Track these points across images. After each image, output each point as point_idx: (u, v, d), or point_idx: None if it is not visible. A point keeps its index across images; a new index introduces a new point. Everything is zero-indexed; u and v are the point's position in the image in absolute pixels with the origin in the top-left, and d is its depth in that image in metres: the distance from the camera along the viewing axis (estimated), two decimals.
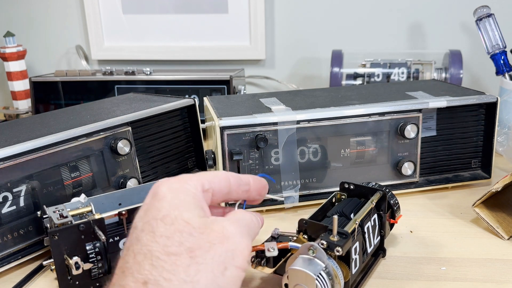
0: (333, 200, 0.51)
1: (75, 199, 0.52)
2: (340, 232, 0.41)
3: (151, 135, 0.67)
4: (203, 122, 0.79)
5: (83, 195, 0.52)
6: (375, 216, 0.49)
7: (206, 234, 0.33)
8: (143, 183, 0.64)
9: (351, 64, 0.97)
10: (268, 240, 0.44)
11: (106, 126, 0.59)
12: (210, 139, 0.72)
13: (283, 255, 0.44)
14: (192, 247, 0.32)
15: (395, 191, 0.65)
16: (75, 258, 0.45)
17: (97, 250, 0.46)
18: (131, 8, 1.13)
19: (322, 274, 0.39)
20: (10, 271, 0.52)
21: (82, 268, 0.45)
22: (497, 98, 0.66)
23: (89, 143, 0.58)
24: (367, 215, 0.47)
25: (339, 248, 0.40)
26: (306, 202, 0.64)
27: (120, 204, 0.51)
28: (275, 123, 0.60)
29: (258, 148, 0.60)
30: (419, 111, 0.65)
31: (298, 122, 0.61)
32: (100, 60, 1.19)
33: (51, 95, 0.98)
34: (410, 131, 0.64)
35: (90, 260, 0.46)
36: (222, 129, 0.59)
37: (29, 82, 0.99)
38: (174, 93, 0.94)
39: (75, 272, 0.45)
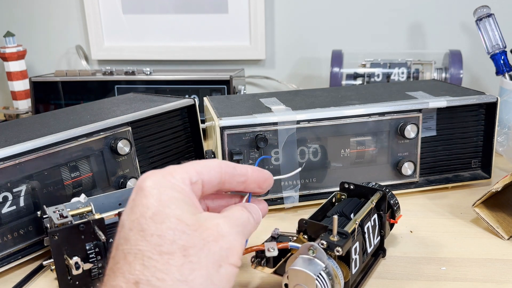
0: (333, 200, 0.51)
1: (75, 199, 0.52)
2: (340, 232, 0.41)
3: (151, 135, 0.67)
4: (203, 122, 0.79)
5: (83, 195, 0.52)
6: (375, 216, 0.49)
7: (199, 231, 0.32)
8: None
9: (351, 64, 0.97)
10: (268, 240, 0.44)
11: (106, 126, 0.59)
12: (210, 139, 0.72)
13: (283, 255, 0.44)
14: (185, 245, 0.31)
15: (395, 191, 0.65)
16: (75, 258, 0.45)
17: (97, 250, 0.46)
18: (131, 8, 1.13)
19: (322, 274, 0.39)
20: (10, 271, 0.53)
21: (82, 268, 0.45)
22: (497, 98, 0.66)
23: (89, 143, 0.58)
24: (367, 215, 0.47)
25: (339, 248, 0.40)
26: (306, 202, 0.64)
27: (120, 204, 0.51)
28: (275, 123, 0.60)
29: (258, 148, 0.60)
30: (419, 111, 0.65)
31: (298, 122, 0.61)
32: (100, 60, 1.19)
33: (51, 95, 0.98)
34: (410, 131, 0.64)
35: (90, 260, 0.46)
36: (222, 129, 0.59)
37: (29, 82, 0.99)
38: (174, 93, 0.94)
39: (75, 272, 0.45)
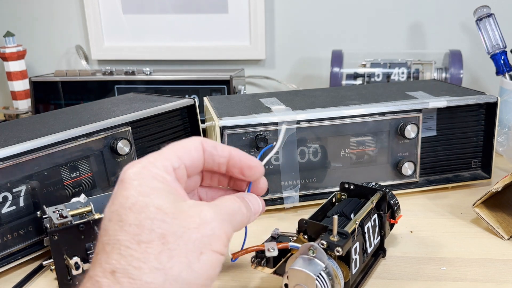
0: (333, 200, 0.51)
1: (75, 199, 0.52)
2: (340, 232, 0.41)
3: (151, 135, 0.67)
4: (203, 122, 0.79)
5: (83, 195, 0.52)
6: (375, 216, 0.49)
7: (180, 219, 0.31)
8: None
9: (351, 64, 0.97)
10: (268, 240, 0.44)
11: (106, 126, 0.59)
12: (210, 139, 0.72)
13: (283, 255, 0.44)
14: (164, 233, 0.30)
15: (395, 191, 0.64)
16: (75, 258, 0.45)
17: None
18: (131, 8, 1.13)
19: (322, 274, 0.39)
20: (10, 271, 0.53)
21: (82, 268, 0.45)
22: (497, 98, 0.66)
23: (89, 143, 0.58)
24: (367, 215, 0.47)
25: (339, 248, 0.40)
26: (306, 202, 0.64)
27: None
28: (275, 123, 0.60)
29: (258, 148, 0.60)
30: (419, 111, 0.64)
31: (298, 122, 0.61)
32: (100, 60, 1.19)
33: (51, 95, 0.98)
34: (410, 131, 0.64)
35: (90, 260, 0.46)
36: (222, 129, 0.59)
37: (29, 82, 0.99)
38: (174, 93, 0.94)
39: (75, 272, 0.45)
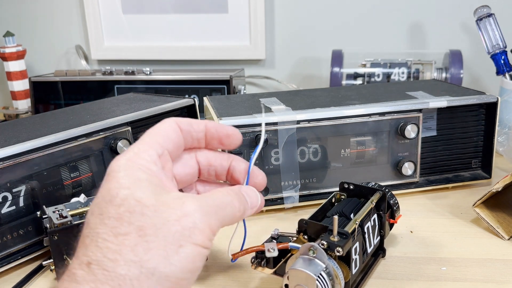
0: (332, 200, 0.51)
1: (74, 199, 0.52)
2: (341, 233, 0.41)
3: None
4: None
5: (83, 195, 0.52)
6: (375, 216, 0.48)
7: (160, 211, 0.30)
8: None
9: (351, 64, 0.97)
10: (268, 241, 0.44)
11: (106, 126, 0.59)
12: None
13: (283, 255, 0.44)
14: (142, 226, 0.30)
15: (395, 191, 0.64)
16: None
17: None
18: (131, 8, 1.13)
19: (322, 275, 0.39)
20: (10, 271, 0.52)
21: None
22: (497, 98, 0.66)
23: (88, 143, 0.58)
24: (367, 215, 0.46)
25: (340, 249, 0.40)
26: (306, 202, 0.64)
27: None
28: (275, 123, 0.60)
29: None
30: (420, 111, 0.64)
31: (298, 122, 0.61)
32: (100, 60, 1.19)
33: (50, 95, 0.98)
34: (411, 131, 0.64)
35: None
36: None
37: (28, 82, 0.99)
38: (174, 93, 0.94)
39: None
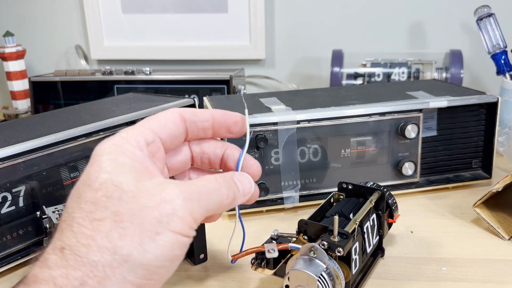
0: (331, 200, 0.51)
1: None
2: (341, 233, 0.41)
3: None
4: None
5: None
6: (374, 216, 0.48)
7: (139, 197, 0.29)
8: None
9: (352, 64, 0.97)
10: (268, 242, 0.44)
11: (105, 126, 0.59)
12: None
13: (283, 256, 0.44)
14: (119, 211, 0.29)
15: (396, 191, 0.64)
16: None
17: None
18: (131, 7, 1.13)
19: (323, 275, 0.39)
20: (10, 271, 0.52)
21: None
22: (497, 98, 0.66)
23: (88, 143, 0.58)
24: (366, 215, 0.46)
25: (341, 249, 0.39)
26: (306, 202, 0.64)
27: None
28: (275, 123, 0.60)
29: (258, 148, 0.60)
30: (420, 111, 0.64)
31: (298, 122, 0.61)
32: (100, 60, 1.19)
33: (50, 95, 0.98)
34: (411, 131, 0.64)
35: None
36: None
37: (28, 82, 0.99)
38: (174, 93, 0.94)
39: None
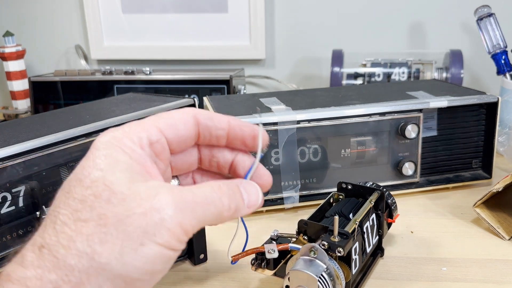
0: (330, 200, 0.51)
1: None
2: (341, 233, 0.41)
3: None
4: None
5: None
6: (373, 216, 0.48)
7: (128, 201, 0.27)
8: None
9: (352, 64, 0.97)
10: (268, 242, 0.44)
11: (105, 126, 0.59)
12: None
13: (283, 256, 0.44)
14: (104, 214, 0.27)
15: (396, 191, 0.64)
16: None
17: None
18: (131, 7, 1.13)
19: (323, 275, 0.39)
20: None
21: None
22: (498, 98, 0.66)
23: (88, 143, 0.58)
24: (366, 215, 0.46)
25: (341, 249, 0.39)
26: (306, 202, 0.64)
27: None
28: (275, 123, 0.60)
29: None
30: (420, 111, 0.64)
31: (298, 122, 0.61)
32: (100, 59, 1.19)
33: (50, 95, 0.98)
34: (411, 131, 0.63)
35: None
36: None
37: (28, 82, 0.99)
38: (174, 93, 0.94)
39: None
